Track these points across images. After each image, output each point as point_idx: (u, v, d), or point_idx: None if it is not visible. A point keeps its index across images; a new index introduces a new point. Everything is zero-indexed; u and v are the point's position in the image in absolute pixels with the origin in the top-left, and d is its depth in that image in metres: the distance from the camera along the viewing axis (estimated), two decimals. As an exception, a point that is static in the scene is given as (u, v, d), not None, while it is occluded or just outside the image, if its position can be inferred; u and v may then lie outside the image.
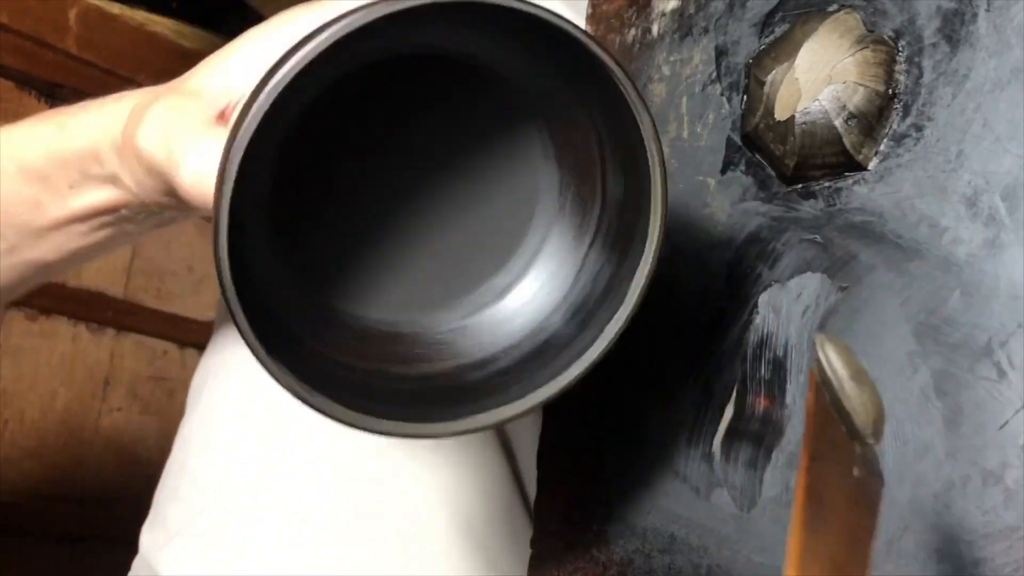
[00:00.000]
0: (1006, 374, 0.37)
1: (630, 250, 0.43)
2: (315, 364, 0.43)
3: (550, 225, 0.48)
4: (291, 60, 0.36)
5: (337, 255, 0.47)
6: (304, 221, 0.46)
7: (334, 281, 0.47)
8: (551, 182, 0.47)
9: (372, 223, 0.48)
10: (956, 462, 0.38)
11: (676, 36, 0.53)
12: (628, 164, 0.43)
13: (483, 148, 0.48)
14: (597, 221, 0.46)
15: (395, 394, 0.45)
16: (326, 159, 0.46)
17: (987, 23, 0.39)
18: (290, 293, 0.45)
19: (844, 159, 0.43)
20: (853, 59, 0.42)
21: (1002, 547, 0.36)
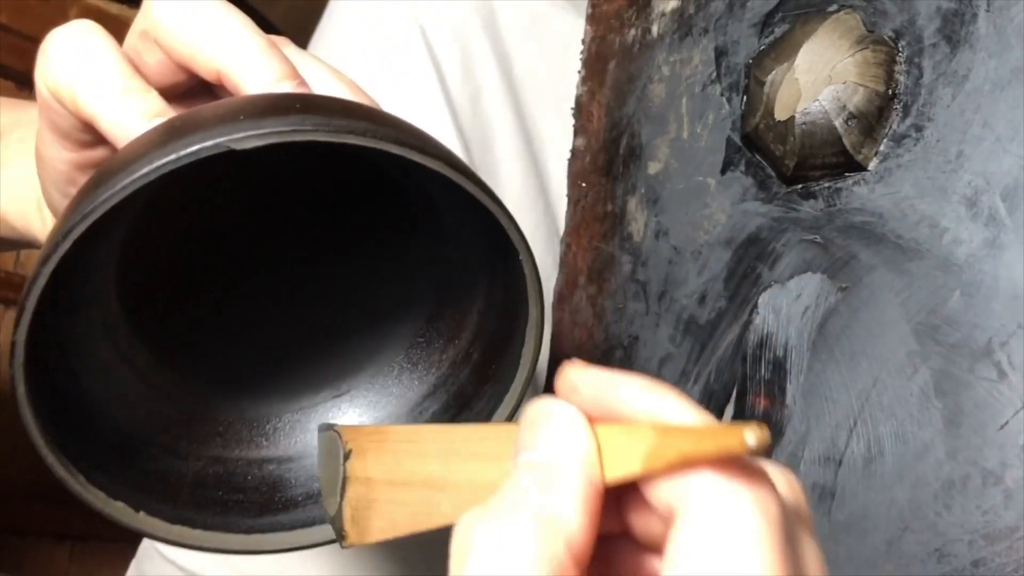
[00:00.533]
0: (1006, 374, 0.37)
1: (485, 391, 0.42)
2: (135, 458, 0.41)
3: (398, 353, 0.46)
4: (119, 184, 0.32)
5: (181, 328, 0.45)
6: (158, 303, 0.44)
7: (176, 355, 0.44)
8: (419, 314, 0.46)
9: (222, 302, 0.46)
10: (956, 462, 0.38)
11: (676, 36, 0.53)
12: (502, 337, 0.42)
13: (364, 257, 0.46)
14: (452, 365, 0.45)
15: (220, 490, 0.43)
16: (184, 233, 0.44)
17: (987, 23, 0.39)
18: (124, 380, 0.43)
19: (844, 159, 0.43)
20: (853, 59, 0.42)
21: (1002, 547, 0.36)
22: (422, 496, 0.31)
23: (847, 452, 0.41)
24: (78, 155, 0.40)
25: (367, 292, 0.47)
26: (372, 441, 0.35)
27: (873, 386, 0.41)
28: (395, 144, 0.33)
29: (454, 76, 0.69)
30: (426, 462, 0.31)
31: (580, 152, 0.60)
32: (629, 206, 0.54)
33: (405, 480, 0.32)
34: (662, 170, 0.53)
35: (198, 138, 0.32)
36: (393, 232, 0.46)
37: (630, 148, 0.55)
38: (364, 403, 0.46)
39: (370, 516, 0.33)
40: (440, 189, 0.39)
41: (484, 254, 0.42)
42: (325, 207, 0.46)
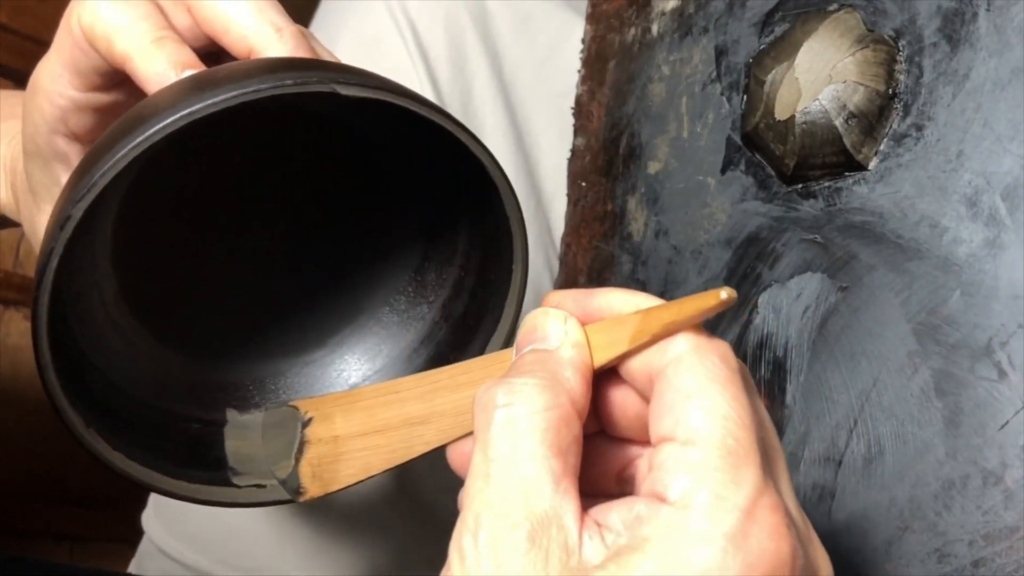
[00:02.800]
0: (1006, 374, 0.37)
1: (475, 338, 0.44)
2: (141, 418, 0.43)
3: (387, 304, 0.48)
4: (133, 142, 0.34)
5: (177, 299, 0.46)
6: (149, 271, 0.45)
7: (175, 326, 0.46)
8: (407, 255, 0.48)
9: (214, 268, 0.47)
10: (956, 462, 0.38)
11: (676, 36, 0.53)
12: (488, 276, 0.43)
13: (347, 216, 0.48)
14: (448, 300, 0.47)
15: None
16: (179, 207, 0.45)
17: (987, 23, 0.39)
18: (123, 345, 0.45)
19: (844, 159, 0.43)
20: (853, 59, 0.42)
21: (1002, 547, 0.36)
22: (401, 435, 0.35)
23: (847, 452, 0.41)
24: (83, 96, 0.42)
25: (354, 248, 0.48)
26: (338, 405, 0.37)
27: (873, 386, 0.41)
28: (391, 93, 0.36)
29: (444, 73, 0.69)
30: (405, 406, 0.35)
31: (580, 151, 0.60)
32: (629, 206, 0.54)
33: (380, 428, 0.35)
34: (662, 169, 0.53)
35: (229, 88, 0.34)
36: (375, 188, 0.47)
37: (630, 147, 0.55)
38: (363, 352, 0.48)
39: (338, 468, 0.36)
40: (419, 141, 0.42)
41: (465, 196, 0.43)
42: (309, 171, 0.47)
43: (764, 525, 0.27)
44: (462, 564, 0.28)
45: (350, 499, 0.67)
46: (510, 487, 0.28)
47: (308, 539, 0.67)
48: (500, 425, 0.28)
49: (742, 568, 0.26)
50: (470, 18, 0.71)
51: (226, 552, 0.67)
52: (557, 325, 0.31)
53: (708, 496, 0.26)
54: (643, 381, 0.30)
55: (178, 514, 0.68)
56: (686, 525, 0.26)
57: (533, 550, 0.27)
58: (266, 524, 0.67)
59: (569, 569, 0.27)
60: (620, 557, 0.27)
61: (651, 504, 0.27)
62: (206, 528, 0.67)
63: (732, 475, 0.27)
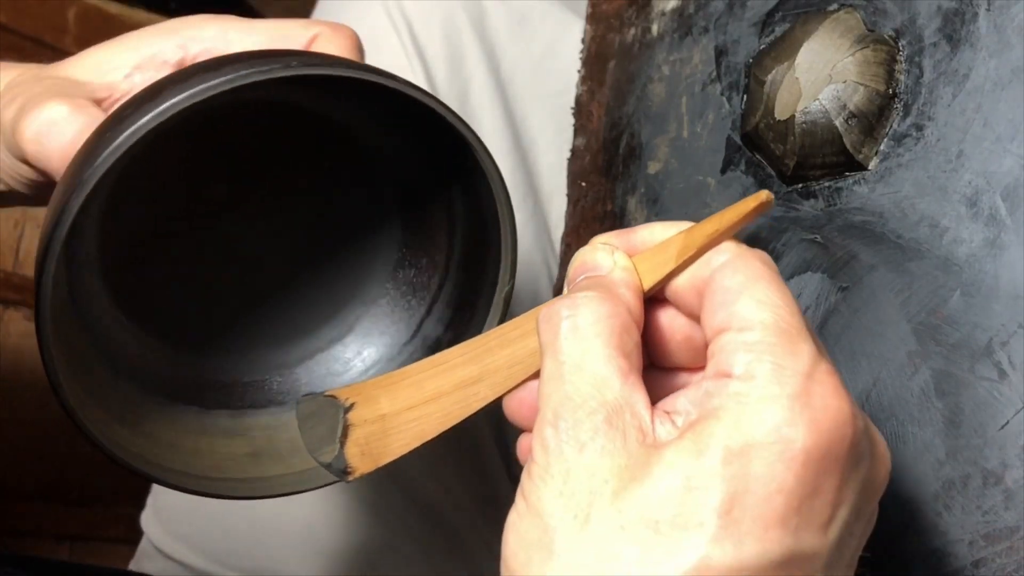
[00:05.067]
0: (1007, 374, 0.37)
1: (473, 317, 0.45)
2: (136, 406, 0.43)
3: (382, 291, 0.49)
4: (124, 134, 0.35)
5: (167, 293, 0.47)
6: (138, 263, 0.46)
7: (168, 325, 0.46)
8: (394, 244, 0.49)
9: (207, 265, 0.48)
10: (956, 462, 0.38)
11: (676, 36, 0.53)
12: (479, 243, 0.44)
13: (336, 206, 0.48)
14: (438, 286, 0.47)
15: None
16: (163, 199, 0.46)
17: (988, 23, 0.39)
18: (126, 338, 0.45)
19: (844, 159, 0.43)
20: (853, 59, 0.42)
21: (1002, 547, 0.36)
22: (454, 398, 0.36)
23: (847, 452, 0.41)
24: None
25: (344, 240, 0.49)
26: (382, 387, 0.38)
27: (873, 386, 0.41)
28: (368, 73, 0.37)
29: (441, 72, 0.69)
30: (455, 373, 0.36)
31: (580, 151, 0.60)
32: (629, 206, 0.54)
33: (431, 398, 0.36)
34: (662, 169, 0.53)
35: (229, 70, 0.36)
36: (361, 180, 0.48)
37: (630, 148, 0.55)
38: (365, 336, 0.49)
39: (388, 442, 0.38)
40: (402, 128, 0.43)
41: (451, 179, 0.44)
42: (295, 165, 0.48)
43: (825, 385, 0.28)
44: (545, 454, 0.29)
45: (349, 499, 0.67)
46: (582, 382, 0.30)
47: (306, 539, 0.67)
48: (567, 332, 0.30)
49: (808, 423, 0.28)
50: (467, 18, 0.71)
51: (224, 552, 0.67)
52: (605, 255, 0.33)
53: (770, 366, 0.28)
54: (690, 298, 0.32)
55: (177, 515, 0.68)
56: (753, 392, 0.28)
57: (611, 431, 0.29)
58: (264, 525, 0.67)
59: (646, 446, 0.29)
60: (694, 428, 0.28)
61: (717, 381, 0.29)
62: (204, 529, 0.67)
63: (789, 348, 0.29)
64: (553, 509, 0.28)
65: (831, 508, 0.28)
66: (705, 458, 0.28)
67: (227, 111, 0.42)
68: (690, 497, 0.27)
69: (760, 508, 0.27)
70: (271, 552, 0.66)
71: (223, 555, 0.67)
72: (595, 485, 0.28)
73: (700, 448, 0.28)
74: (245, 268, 0.48)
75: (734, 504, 0.27)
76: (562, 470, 0.29)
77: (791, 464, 0.27)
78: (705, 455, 0.28)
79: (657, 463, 0.28)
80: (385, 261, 0.49)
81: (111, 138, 0.35)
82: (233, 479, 0.43)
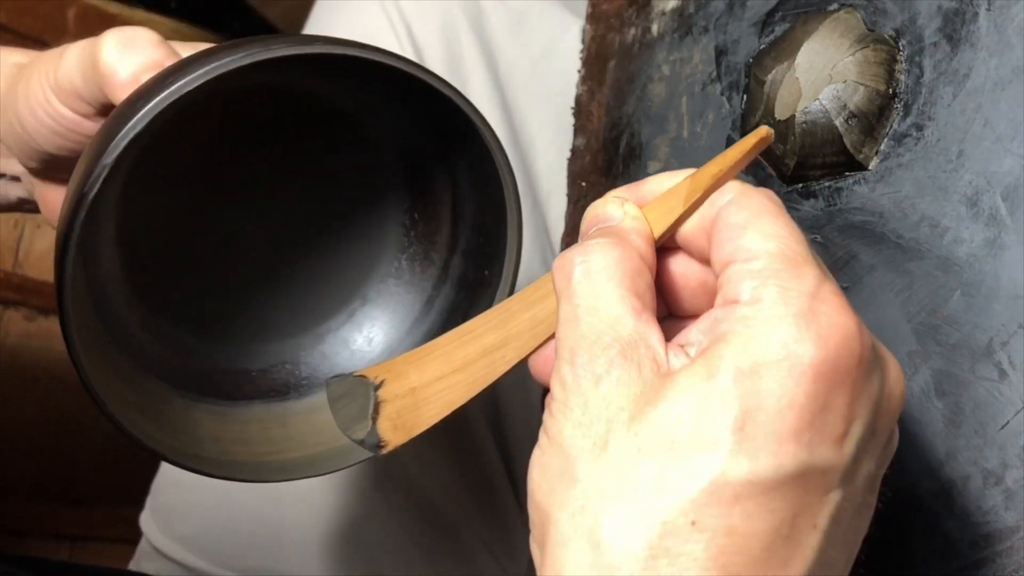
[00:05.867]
0: (1007, 374, 0.37)
1: (482, 292, 0.45)
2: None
3: (391, 270, 0.50)
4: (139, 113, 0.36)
5: (180, 282, 0.47)
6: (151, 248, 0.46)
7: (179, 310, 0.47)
8: (401, 224, 0.49)
9: (218, 252, 0.48)
10: (956, 462, 0.38)
11: (676, 35, 0.53)
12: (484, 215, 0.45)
13: (341, 189, 0.49)
14: (446, 263, 0.48)
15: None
16: (176, 186, 0.47)
17: (988, 22, 0.39)
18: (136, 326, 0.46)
19: (844, 159, 0.43)
20: (854, 58, 0.42)
21: (1002, 547, 0.36)
22: (481, 364, 0.37)
23: (847, 452, 0.41)
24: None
25: (351, 222, 0.50)
26: (410, 362, 0.39)
27: (873, 386, 0.41)
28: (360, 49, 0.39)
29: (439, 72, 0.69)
30: (481, 340, 0.37)
31: (580, 151, 0.60)
32: (629, 206, 0.54)
33: (459, 367, 0.37)
34: (662, 169, 0.52)
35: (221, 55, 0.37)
36: (366, 163, 0.48)
37: (630, 147, 0.55)
38: (376, 317, 0.50)
39: (419, 414, 0.38)
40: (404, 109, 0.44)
41: (454, 156, 0.45)
42: (303, 149, 0.48)
43: (830, 303, 0.29)
44: (564, 390, 0.30)
45: (348, 500, 0.67)
46: (597, 320, 0.30)
47: (304, 539, 0.67)
48: (580, 277, 0.31)
49: (815, 339, 0.28)
50: (465, 18, 0.71)
51: (223, 553, 0.67)
52: (615, 206, 0.34)
53: (776, 288, 0.29)
54: (701, 242, 0.33)
55: (175, 515, 0.68)
56: (760, 314, 0.29)
57: (625, 363, 0.30)
58: (262, 525, 0.67)
59: (660, 375, 0.29)
60: (704, 354, 0.29)
61: (725, 308, 0.30)
62: (203, 529, 0.67)
63: (794, 272, 0.29)
64: (572, 439, 0.29)
65: (844, 423, 0.29)
66: (716, 379, 0.28)
67: (239, 96, 0.43)
68: (704, 417, 0.28)
69: (772, 423, 0.28)
70: (269, 552, 0.66)
71: (221, 555, 0.67)
72: (612, 413, 0.29)
73: (711, 371, 0.28)
74: (255, 254, 0.49)
75: (747, 421, 0.28)
76: (580, 402, 0.30)
77: (800, 379, 0.28)
78: (716, 376, 0.28)
79: (671, 387, 0.29)
80: (393, 240, 0.50)
81: (142, 105, 0.36)
82: (249, 463, 0.44)
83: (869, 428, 0.30)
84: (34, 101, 0.42)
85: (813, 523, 0.28)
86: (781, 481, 0.28)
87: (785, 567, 0.28)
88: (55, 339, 1.30)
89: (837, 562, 0.30)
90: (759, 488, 0.27)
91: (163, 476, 0.71)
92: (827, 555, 0.29)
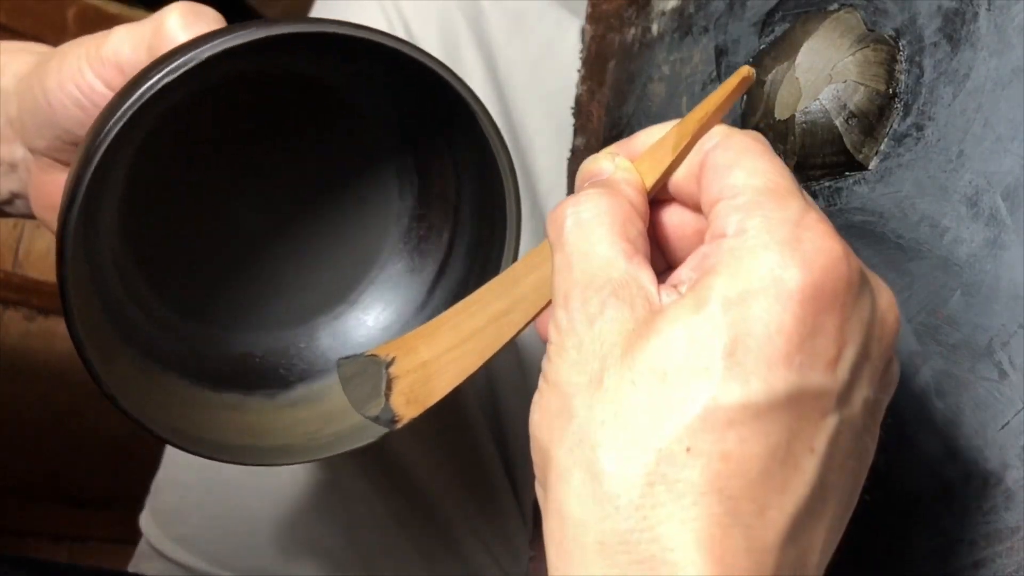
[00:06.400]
0: (1007, 374, 0.37)
1: (486, 269, 0.46)
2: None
3: (395, 253, 0.50)
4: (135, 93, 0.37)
5: (185, 270, 0.48)
6: (157, 240, 0.47)
7: (185, 300, 0.48)
8: (403, 212, 0.50)
9: (222, 242, 0.49)
10: (956, 462, 0.38)
11: (676, 35, 0.53)
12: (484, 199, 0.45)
13: (342, 174, 0.49)
14: (450, 242, 0.49)
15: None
16: (179, 177, 0.47)
17: (988, 22, 0.39)
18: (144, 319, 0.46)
19: (844, 159, 0.43)
20: (854, 58, 0.42)
21: (1002, 547, 0.36)
22: (489, 331, 0.38)
23: (847, 452, 0.41)
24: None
25: (355, 205, 0.50)
26: (420, 337, 0.40)
27: (873, 386, 0.41)
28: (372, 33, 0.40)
29: None
30: (488, 308, 0.38)
31: (580, 151, 0.60)
32: (629, 206, 0.54)
33: (468, 336, 0.38)
34: (662, 170, 0.52)
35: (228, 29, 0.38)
36: (358, 143, 0.49)
37: (630, 148, 0.55)
38: (382, 300, 0.50)
39: (432, 385, 0.39)
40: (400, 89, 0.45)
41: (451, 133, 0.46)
42: (305, 133, 0.49)
43: (815, 230, 0.29)
44: (559, 333, 0.31)
45: (347, 500, 0.67)
46: (589, 265, 0.31)
47: (303, 540, 0.67)
48: (572, 226, 0.32)
49: (801, 264, 0.29)
50: (464, 17, 0.71)
51: (222, 553, 0.67)
52: (606, 161, 0.34)
53: (760, 219, 0.30)
54: (692, 189, 0.33)
55: (175, 516, 0.68)
56: (745, 244, 0.29)
57: (618, 302, 0.30)
58: (262, 526, 0.67)
59: (653, 312, 0.30)
60: (693, 287, 0.30)
61: (712, 243, 0.30)
62: (203, 529, 0.67)
63: (778, 202, 0.30)
64: (569, 378, 0.30)
65: (835, 346, 0.29)
66: (705, 309, 0.29)
67: (243, 82, 0.44)
68: (694, 346, 0.28)
69: (762, 349, 0.28)
70: (269, 553, 0.66)
71: (221, 556, 0.67)
72: (605, 350, 0.30)
73: (700, 302, 0.29)
74: (260, 241, 0.49)
75: (736, 347, 0.28)
76: (575, 343, 0.30)
77: (788, 304, 0.28)
78: (705, 307, 0.29)
79: (662, 321, 0.29)
80: (397, 223, 0.50)
81: (156, 72, 0.37)
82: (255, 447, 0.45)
83: (862, 352, 0.30)
84: (66, 74, 0.43)
85: (810, 447, 0.29)
86: (773, 405, 0.28)
87: (783, 490, 0.28)
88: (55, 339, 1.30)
89: (839, 487, 0.30)
90: (752, 412, 0.28)
91: (163, 476, 0.71)
92: (827, 479, 0.29)
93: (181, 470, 0.69)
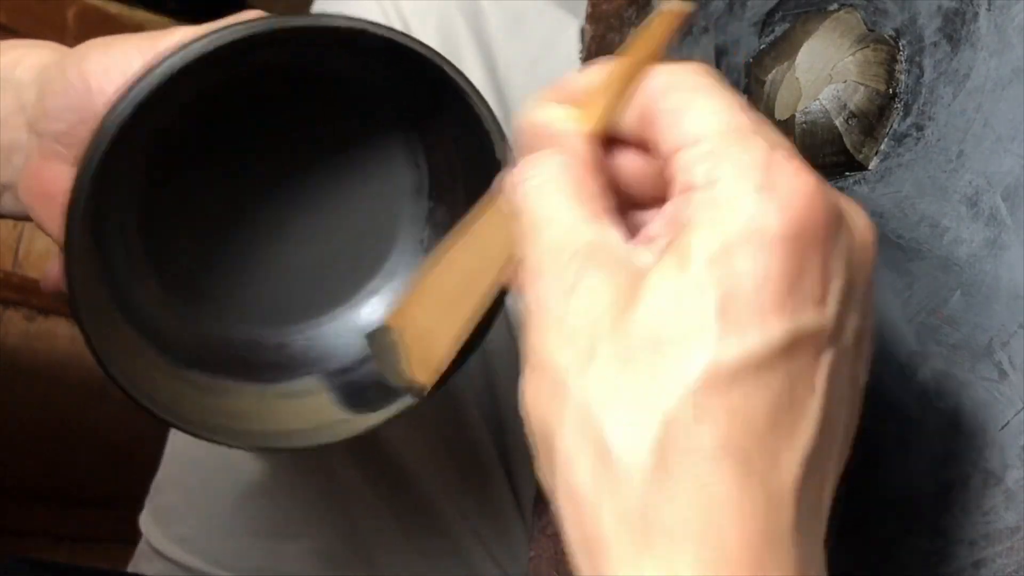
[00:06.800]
0: (1007, 374, 0.37)
1: None
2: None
3: (407, 246, 0.51)
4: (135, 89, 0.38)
5: (197, 262, 0.48)
6: (168, 228, 0.47)
7: (193, 288, 0.48)
8: (415, 202, 0.50)
9: (233, 232, 0.49)
10: (956, 462, 0.38)
11: (676, 36, 0.53)
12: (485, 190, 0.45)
13: (352, 167, 0.50)
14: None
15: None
16: (193, 168, 0.48)
17: (988, 22, 0.39)
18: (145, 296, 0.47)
19: (844, 159, 0.43)
20: (854, 58, 0.42)
21: (1002, 548, 0.36)
22: (473, 289, 0.37)
23: (847, 452, 0.41)
24: None
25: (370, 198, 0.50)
26: (415, 304, 0.41)
27: (873, 386, 0.41)
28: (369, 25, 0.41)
29: None
30: (459, 267, 0.38)
31: (580, 152, 0.60)
32: (629, 206, 0.54)
33: (456, 297, 0.38)
34: (662, 170, 0.52)
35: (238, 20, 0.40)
36: (370, 133, 0.49)
37: (630, 148, 0.55)
38: (397, 290, 0.50)
39: (439, 350, 0.40)
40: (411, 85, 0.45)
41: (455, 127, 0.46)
42: (310, 128, 0.49)
43: (786, 169, 0.29)
44: (537, 311, 0.30)
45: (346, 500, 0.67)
46: (554, 235, 0.30)
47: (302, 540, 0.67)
48: (528, 196, 0.31)
49: (778, 209, 0.28)
50: (463, 17, 0.71)
51: (222, 553, 0.67)
52: (551, 110, 0.33)
53: (728, 167, 0.29)
54: (642, 131, 0.32)
55: (175, 516, 0.68)
56: (719, 195, 0.28)
57: (593, 270, 0.29)
58: (261, 526, 0.67)
59: (629, 276, 0.29)
60: (671, 246, 0.29)
61: (683, 196, 0.29)
62: (203, 529, 0.67)
63: (743, 145, 0.29)
64: (558, 357, 0.29)
65: (822, 283, 0.29)
66: (689, 269, 0.28)
67: (248, 76, 0.45)
68: (685, 309, 0.28)
69: (753, 301, 0.28)
70: (269, 553, 0.66)
71: (221, 556, 0.67)
72: (591, 324, 0.29)
73: (682, 262, 0.28)
74: (270, 233, 0.50)
75: (728, 303, 0.28)
76: (556, 319, 0.29)
77: (772, 251, 0.28)
78: (689, 267, 0.28)
79: (646, 287, 0.28)
80: (413, 215, 0.50)
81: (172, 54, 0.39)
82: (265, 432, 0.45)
83: (847, 283, 0.30)
84: (113, 60, 0.43)
85: (811, 386, 0.29)
86: (773, 354, 0.28)
87: (792, 435, 0.28)
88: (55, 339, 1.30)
89: (841, 418, 0.30)
90: (752, 366, 0.27)
91: (163, 476, 0.71)
92: (831, 413, 0.29)
93: (181, 470, 0.69)
